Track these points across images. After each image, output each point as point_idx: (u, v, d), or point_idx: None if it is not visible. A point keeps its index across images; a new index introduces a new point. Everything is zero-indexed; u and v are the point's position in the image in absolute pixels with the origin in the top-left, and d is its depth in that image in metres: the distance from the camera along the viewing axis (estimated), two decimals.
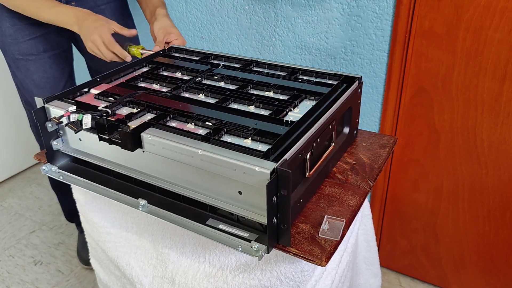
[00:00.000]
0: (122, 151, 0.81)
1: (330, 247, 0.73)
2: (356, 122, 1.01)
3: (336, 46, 1.36)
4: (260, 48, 1.51)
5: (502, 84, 1.19)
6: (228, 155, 0.72)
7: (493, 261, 1.44)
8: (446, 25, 1.20)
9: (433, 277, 1.59)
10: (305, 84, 0.97)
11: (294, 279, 0.79)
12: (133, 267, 1.01)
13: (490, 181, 1.32)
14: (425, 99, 1.31)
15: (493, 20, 1.13)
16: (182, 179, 0.81)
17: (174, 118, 0.85)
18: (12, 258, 1.78)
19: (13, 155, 2.26)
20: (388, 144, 1.02)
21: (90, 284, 1.65)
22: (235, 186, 0.74)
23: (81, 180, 0.92)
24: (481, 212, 1.38)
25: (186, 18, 1.62)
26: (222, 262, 0.86)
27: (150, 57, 1.16)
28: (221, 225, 0.78)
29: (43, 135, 0.91)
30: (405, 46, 1.26)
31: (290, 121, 0.81)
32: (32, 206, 2.09)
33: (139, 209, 0.83)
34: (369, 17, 1.27)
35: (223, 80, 1.01)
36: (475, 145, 1.29)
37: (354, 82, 0.96)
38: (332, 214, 0.80)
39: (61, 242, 1.86)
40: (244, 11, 1.48)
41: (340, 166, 0.94)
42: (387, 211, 1.56)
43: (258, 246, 0.72)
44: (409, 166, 1.44)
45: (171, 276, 0.93)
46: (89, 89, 0.99)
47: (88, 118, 0.82)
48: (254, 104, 0.89)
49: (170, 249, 0.93)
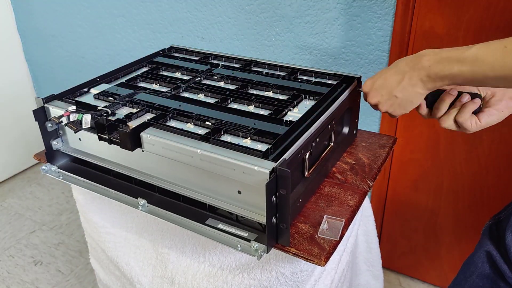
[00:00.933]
0: (122, 151, 0.81)
1: (330, 247, 0.73)
2: (355, 122, 1.01)
3: (336, 46, 1.36)
4: (260, 48, 1.51)
5: None
6: (227, 154, 0.72)
7: None
8: (446, 25, 1.19)
9: (433, 277, 1.59)
10: (305, 84, 0.97)
11: (293, 278, 0.79)
12: (132, 267, 1.01)
13: (490, 181, 1.32)
14: None
15: (493, 20, 1.13)
16: (181, 179, 0.81)
17: (173, 118, 0.85)
18: (12, 258, 1.78)
19: (13, 155, 2.26)
20: (388, 144, 1.02)
21: (90, 284, 1.65)
22: (234, 185, 0.74)
23: (81, 180, 0.92)
24: (481, 212, 1.38)
25: (186, 18, 1.62)
26: (221, 262, 0.86)
27: (150, 57, 1.16)
28: (221, 225, 0.78)
29: (43, 135, 0.91)
30: (405, 46, 1.26)
31: (290, 121, 0.81)
32: (32, 206, 2.09)
33: (139, 209, 0.83)
34: (369, 17, 1.27)
35: (222, 80, 1.01)
36: (475, 145, 1.29)
37: (354, 82, 0.96)
38: (332, 214, 0.80)
39: (61, 242, 1.86)
40: (244, 11, 1.48)
41: (340, 166, 0.94)
42: (387, 211, 1.56)
43: (258, 245, 0.72)
44: (409, 166, 1.44)
45: (171, 276, 0.93)
46: (89, 89, 0.99)
47: (88, 118, 0.82)
48: (254, 104, 0.89)
49: (170, 249, 0.93)
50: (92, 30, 1.91)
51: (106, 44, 1.91)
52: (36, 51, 2.19)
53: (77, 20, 1.93)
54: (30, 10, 2.07)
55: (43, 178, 2.27)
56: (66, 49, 2.06)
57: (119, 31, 1.83)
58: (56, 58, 2.13)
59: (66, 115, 0.84)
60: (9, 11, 2.12)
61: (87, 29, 1.92)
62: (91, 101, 0.93)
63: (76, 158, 0.95)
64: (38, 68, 2.24)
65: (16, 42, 2.19)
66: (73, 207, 2.05)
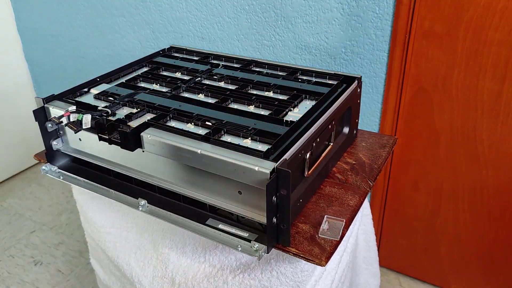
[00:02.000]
0: (122, 151, 0.81)
1: (330, 247, 0.73)
2: (356, 122, 1.01)
3: (336, 46, 1.36)
4: (260, 48, 1.51)
5: (502, 84, 1.19)
6: (227, 155, 0.72)
7: (493, 261, 1.44)
8: (446, 25, 1.19)
9: (433, 277, 1.59)
10: (305, 84, 0.97)
11: (294, 279, 0.79)
12: (133, 267, 1.01)
13: (490, 181, 1.32)
14: (425, 99, 1.31)
15: (493, 20, 1.13)
16: (182, 179, 0.81)
17: (174, 118, 0.85)
18: (12, 258, 1.78)
19: (13, 155, 2.26)
20: (388, 144, 1.02)
21: (90, 284, 1.65)
22: (235, 186, 0.74)
23: (81, 180, 0.92)
24: (481, 212, 1.38)
25: (186, 18, 1.62)
26: (222, 262, 0.86)
27: (150, 57, 1.16)
28: (221, 225, 0.78)
29: (43, 135, 0.91)
30: (405, 46, 1.26)
31: (290, 121, 0.81)
32: (32, 206, 2.09)
33: (139, 209, 0.83)
34: (369, 17, 1.27)
35: (223, 80, 1.01)
36: (475, 145, 1.29)
37: (354, 82, 0.96)
38: (332, 214, 0.80)
39: (61, 242, 1.86)
40: (244, 11, 1.48)
41: (340, 166, 0.94)
42: (387, 211, 1.56)
43: (258, 246, 0.72)
44: (409, 166, 1.44)
45: (171, 276, 0.93)
46: (89, 89, 0.99)
47: (88, 118, 0.82)
48: (254, 104, 0.89)
49: (170, 249, 0.93)
50: (92, 30, 1.91)
51: (106, 44, 1.91)
52: (36, 51, 2.19)
53: (77, 20, 1.93)
54: (30, 10, 2.06)
55: (43, 178, 2.27)
56: (66, 49, 2.06)
57: (119, 31, 1.83)
58: (56, 58, 2.13)
59: (66, 115, 0.84)
60: (9, 11, 2.12)
61: (87, 29, 1.92)
62: (91, 101, 0.93)
63: (76, 158, 0.95)
64: (38, 68, 2.24)
65: (16, 42, 2.19)
66: (73, 207, 2.04)
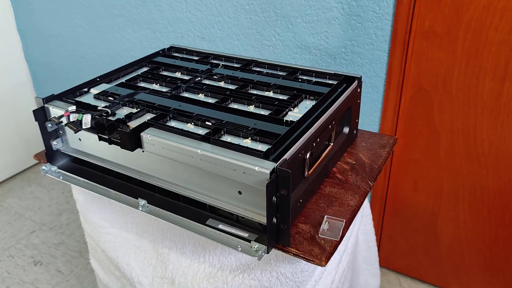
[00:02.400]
0: (122, 151, 0.81)
1: (330, 247, 0.73)
2: (356, 122, 1.01)
3: (336, 46, 1.36)
4: (260, 48, 1.51)
5: (502, 84, 1.19)
6: (227, 155, 0.72)
7: (493, 261, 1.44)
8: (446, 25, 1.19)
9: (433, 277, 1.59)
10: (305, 84, 0.97)
11: (294, 279, 0.79)
12: (133, 267, 1.01)
13: (490, 181, 1.32)
14: (425, 99, 1.31)
15: (493, 20, 1.13)
16: (182, 179, 0.81)
17: (174, 118, 0.85)
18: (12, 258, 1.78)
19: (13, 155, 2.26)
20: (388, 144, 1.02)
21: (90, 284, 1.65)
22: (235, 186, 0.74)
23: (81, 180, 0.92)
24: (481, 212, 1.38)
25: (186, 18, 1.61)
26: (222, 262, 0.86)
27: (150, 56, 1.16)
28: (221, 225, 0.78)
29: (43, 135, 0.91)
30: (405, 46, 1.26)
31: (290, 121, 0.81)
32: (32, 206, 2.09)
33: (139, 209, 0.83)
34: (369, 17, 1.27)
35: (223, 80, 1.01)
36: (475, 145, 1.29)
37: (354, 82, 0.96)
38: (332, 214, 0.80)
39: (61, 242, 1.86)
40: (244, 11, 1.47)
41: (340, 166, 0.94)
42: (387, 211, 1.56)
43: (258, 246, 0.72)
44: (409, 166, 1.44)
45: (171, 276, 0.93)
46: (89, 89, 0.99)
47: (88, 118, 0.82)
48: (254, 104, 0.89)
49: (170, 249, 0.93)
50: (92, 30, 1.91)
51: (106, 44, 1.90)
52: (36, 51, 2.19)
53: (77, 20, 1.93)
54: (30, 10, 2.06)
55: (43, 178, 2.27)
56: (66, 49, 2.06)
57: (119, 31, 1.83)
58: (56, 58, 2.13)
59: (66, 115, 0.84)
60: (9, 11, 2.12)
61: (87, 29, 1.92)
62: (91, 101, 0.93)
63: (76, 158, 0.95)
64: (38, 68, 2.24)
65: (16, 42, 2.19)
66: (73, 207, 2.04)
